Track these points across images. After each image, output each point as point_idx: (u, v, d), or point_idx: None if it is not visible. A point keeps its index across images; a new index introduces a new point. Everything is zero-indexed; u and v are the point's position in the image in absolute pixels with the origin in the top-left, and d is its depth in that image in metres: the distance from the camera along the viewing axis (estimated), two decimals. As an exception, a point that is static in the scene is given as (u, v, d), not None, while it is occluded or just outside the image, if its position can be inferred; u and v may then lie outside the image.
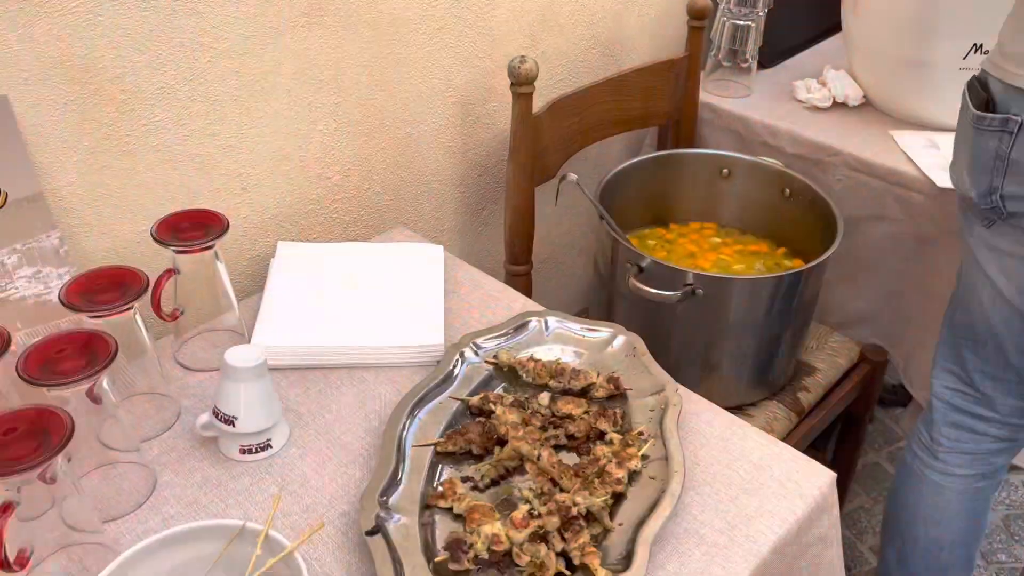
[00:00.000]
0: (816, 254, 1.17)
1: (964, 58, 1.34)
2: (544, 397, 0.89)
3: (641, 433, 0.85)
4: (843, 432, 1.53)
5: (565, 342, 0.98)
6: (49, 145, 0.88)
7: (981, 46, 1.32)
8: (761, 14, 1.51)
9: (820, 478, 0.84)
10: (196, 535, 0.69)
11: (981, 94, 1.06)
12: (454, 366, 0.93)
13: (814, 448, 1.38)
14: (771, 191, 1.36)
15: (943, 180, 1.30)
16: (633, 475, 0.81)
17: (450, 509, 0.78)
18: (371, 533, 0.73)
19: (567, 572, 0.73)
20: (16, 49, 0.82)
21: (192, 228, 0.90)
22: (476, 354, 0.95)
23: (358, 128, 1.17)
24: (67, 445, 0.64)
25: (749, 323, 1.18)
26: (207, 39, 0.95)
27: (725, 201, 1.42)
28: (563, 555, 0.74)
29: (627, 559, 0.73)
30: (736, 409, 1.25)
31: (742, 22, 1.51)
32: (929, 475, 1.28)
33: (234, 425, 0.81)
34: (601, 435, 0.87)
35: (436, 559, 0.73)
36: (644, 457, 0.83)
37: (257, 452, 0.84)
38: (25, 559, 0.65)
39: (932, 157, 1.36)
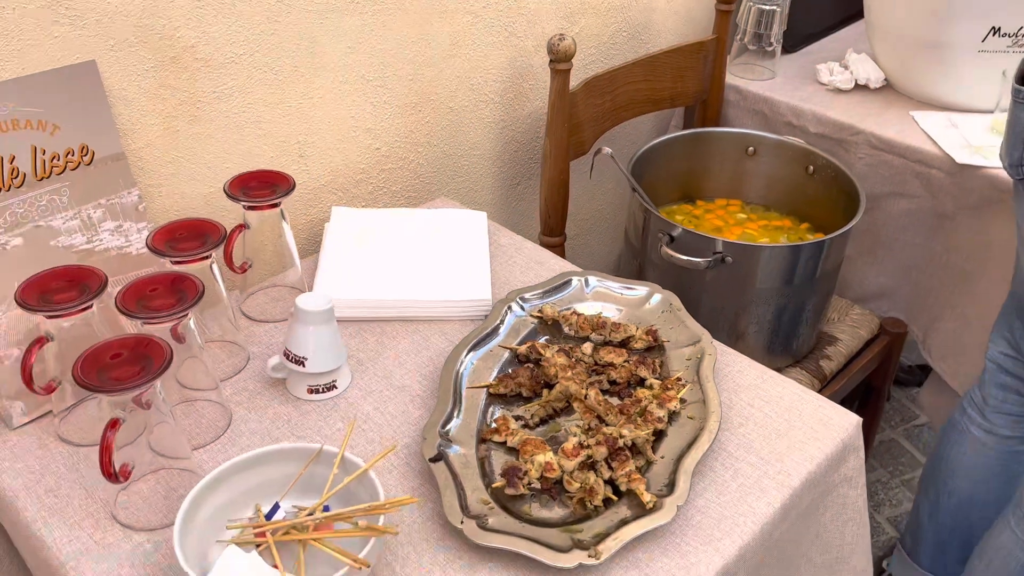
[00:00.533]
0: (838, 229, 1.22)
1: (983, 40, 1.39)
2: (587, 347, 0.96)
3: (679, 379, 0.91)
4: (862, 405, 1.58)
5: (605, 299, 1.04)
6: (131, 108, 0.95)
7: (999, 28, 1.37)
8: (786, -1, 1.57)
9: (846, 420, 0.90)
10: (278, 456, 0.76)
11: None
12: (502, 319, 0.99)
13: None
14: (795, 168, 1.42)
15: (963, 157, 1.35)
16: (672, 415, 0.88)
17: (503, 444, 0.85)
18: (434, 460, 0.80)
19: (614, 497, 0.79)
20: (106, 18, 0.89)
21: (260, 187, 0.96)
22: (522, 308, 1.01)
23: (405, 102, 1.23)
24: (167, 369, 0.71)
25: (774, 291, 1.24)
26: (273, 12, 1.02)
27: (750, 179, 1.48)
28: (610, 482, 0.80)
29: (670, 487, 0.79)
30: (761, 373, 1.31)
31: (767, 7, 1.57)
32: (974, 431, 1.34)
33: (304, 365, 0.88)
34: (641, 381, 0.93)
35: (494, 485, 0.79)
36: (682, 400, 0.89)
37: (323, 392, 0.90)
38: (128, 472, 0.72)
39: (952, 136, 1.42)
